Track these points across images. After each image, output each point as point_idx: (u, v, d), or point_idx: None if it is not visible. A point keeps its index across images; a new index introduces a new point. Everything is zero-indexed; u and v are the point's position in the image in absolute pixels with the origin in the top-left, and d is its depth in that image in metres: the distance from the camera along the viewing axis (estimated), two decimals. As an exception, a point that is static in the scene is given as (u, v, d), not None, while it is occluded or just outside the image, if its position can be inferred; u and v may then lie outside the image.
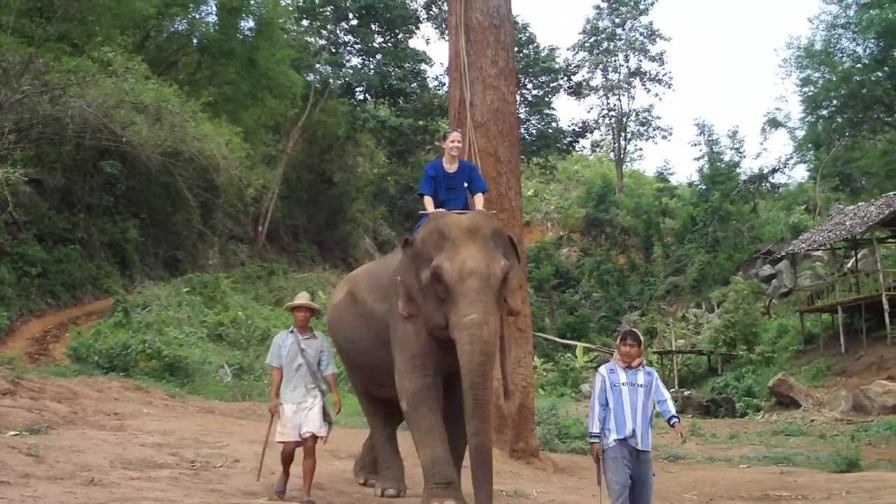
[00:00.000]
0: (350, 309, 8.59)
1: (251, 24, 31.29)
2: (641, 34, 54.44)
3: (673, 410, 6.89)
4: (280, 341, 8.10)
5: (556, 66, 43.00)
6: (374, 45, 41.33)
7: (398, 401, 7.60)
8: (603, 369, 6.91)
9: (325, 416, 7.94)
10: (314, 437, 7.84)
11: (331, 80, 38.69)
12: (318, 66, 38.56)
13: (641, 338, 7.14)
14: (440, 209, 7.82)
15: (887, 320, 25.49)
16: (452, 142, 8.18)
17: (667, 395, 6.93)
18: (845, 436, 17.28)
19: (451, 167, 8.22)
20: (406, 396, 7.37)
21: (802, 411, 22.59)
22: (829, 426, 20.47)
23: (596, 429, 6.80)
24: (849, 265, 33.36)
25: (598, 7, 54.38)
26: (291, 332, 8.15)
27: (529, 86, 41.49)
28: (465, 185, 8.22)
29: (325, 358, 8.07)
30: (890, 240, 31.08)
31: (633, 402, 6.75)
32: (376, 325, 7.96)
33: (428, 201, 8.01)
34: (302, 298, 8.30)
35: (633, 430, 6.68)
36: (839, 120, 38.55)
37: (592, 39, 54.13)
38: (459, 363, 6.68)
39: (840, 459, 12.45)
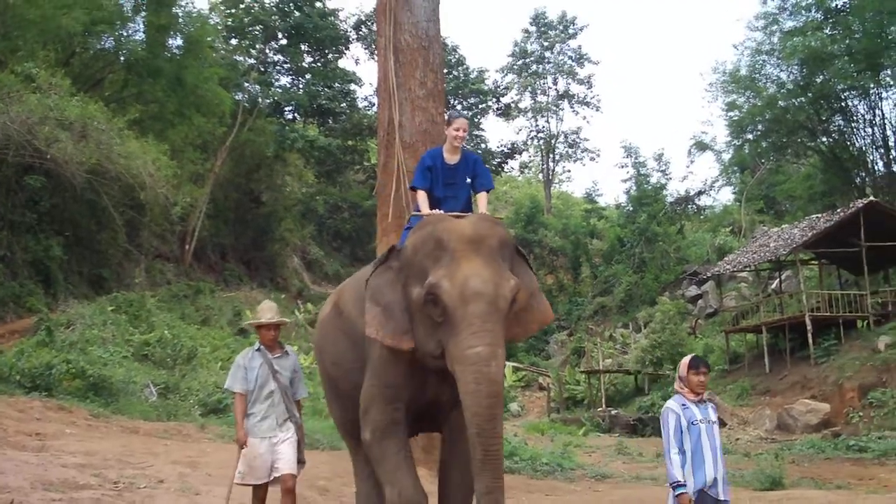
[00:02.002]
0: (335, 325, 7.18)
1: (179, 42, 31.03)
2: (570, 57, 54.97)
3: None
4: (244, 362, 6.97)
5: (485, 88, 43.32)
6: (304, 64, 41.27)
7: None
8: (674, 404, 5.98)
9: (300, 452, 7.01)
10: (293, 476, 6.90)
11: (259, 100, 38.51)
12: (246, 85, 38.34)
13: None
14: (436, 210, 6.63)
15: (810, 340, 25.83)
16: (458, 129, 6.92)
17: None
18: (769, 454, 17.48)
19: (452, 158, 6.99)
20: (371, 426, 6.35)
21: (728, 430, 22.83)
22: (754, 445, 20.74)
23: (681, 475, 5.83)
24: (773, 286, 33.94)
25: (526, 30, 54.80)
26: (258, 350, 7.03)
27: (459, 107, 41.60)
28: (468, 180, 7.03)
29: (298, 379, 7.14)
30: (812, 261, 31.61)
31: (713, 444, 5.88)
32: (361, 343, 6.63)
33: (421, 197, 6.78)
34: (268, 312, 7.15)
35: (715, 478, 5.85)
36: (764, 144, 39.22)
37: (521, 62, 54.51)
38: (462, 403, 5.56)
39: (764, 477, 12.60)
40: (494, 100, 44.62)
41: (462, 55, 42.43)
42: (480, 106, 43.09)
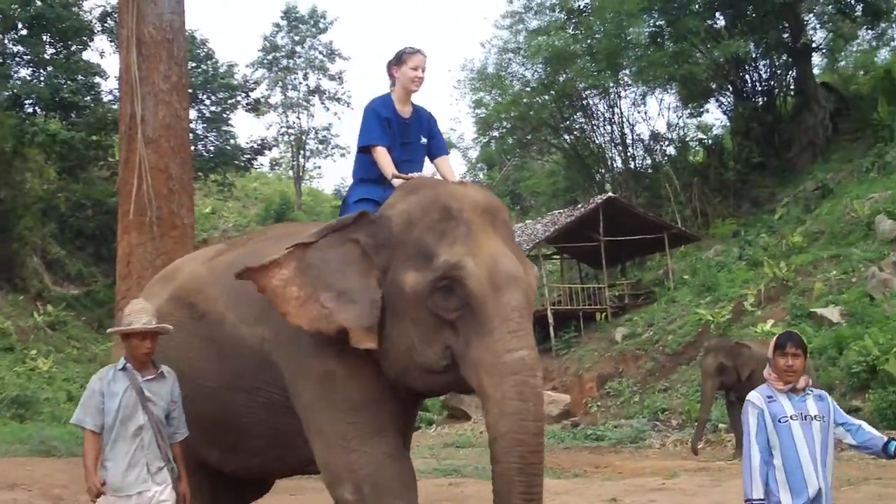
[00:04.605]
0: (185, 327, 5.31)
1: None
2: (321, 53, 54.54)
3: (879, 433, 4.69)
4: (102, 386, 4.94)
5: (235, 83, 42.25)
6: (45, 56, 39.01)
7: (259, 476, 5.39)
8: (757, 397, 4.67)
9: None
10: None
11: (-4, 92, 35.93)
12: (-18, 77, 35.74)
13: (806, 343, 4.84)
14: (417, 173, 5.10)
15: (552, 333, 26.49)
16: (416, 67, 5.30)
17: (851, 418, 4.78)
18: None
19: (405, 109, 5.31)
20: (353, 479, 4.56)
21: (473, 423, 22.90)
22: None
23: (759, 493, 4.56)
24: (517, 281, 34.48)
25: (277, 24, 53.98)
26: (123, 369, 4.99)
27: (207, 102, 40.44)
28: (423, 140, 5.39)
29: (178, 412, 5.10)
30: (555, 256, 32.39)
31: (811, 446, 4.54)
32: (239, 358, 5.00)
33: (385, 156, 5.00)
34: (141, 315, 5.02)
35: (819, 490, 4.50)
36: (510, 141, 40.01)
37: (271, 56, 53.60)
38: (495, 430, 4.14)
39: (503, 468, 12.44)
40: (244, 95, 43.51)
41: (211, 49, 41.13)
42: (230, 101, 41.90)
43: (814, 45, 30.94)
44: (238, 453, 5.26)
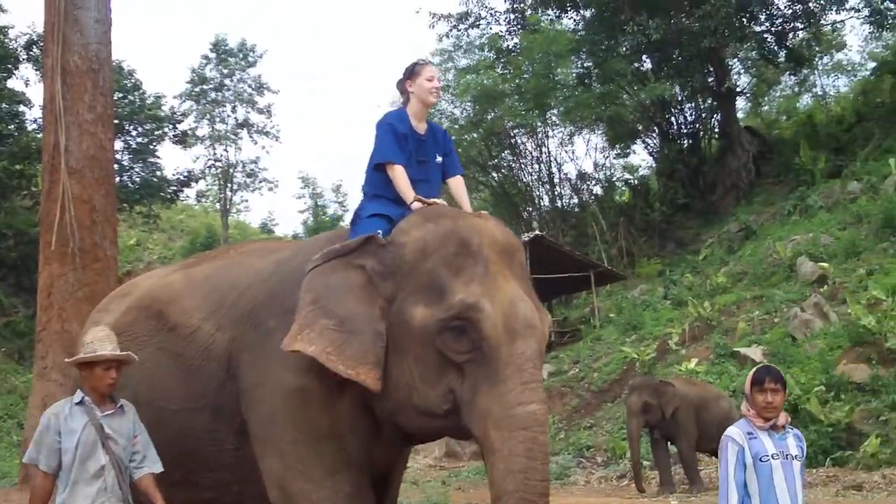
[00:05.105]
0: (150, 341, 4.93)
1: None
2: (250, 86, 54.12)
3: None
4: (58, 423, 4.49)
5: (162, 114, 41.77)
6: (-32, 84, 38.20)
7: None
8: (736, 432, 4.47)
9: None
10: None
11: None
12: None
13: (785, 378, 4.57)
14: (439, 200, 4.63)
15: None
16: (431, 79, 4.87)
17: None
18: (437, 481, 17.41)
19: (421, 126, 4.90)
20: None
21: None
22: (423, 472, 20.68)
23: None
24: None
25: (206, 57, 53.49)
26: (80, 403, 4.54)
27: (134, 133, 39.92)
28: (439, 159, 4.97)
29: (143, 446, 4.59)
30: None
31: (791, 487, 4.34)
32: (208, 375, 4.66)
33: (402, 176, 4.61)
34: (106, 343, 4.58)
35: None
36: (438, 177, 39.99)
37: (199, 89, 53.10)
38: (499, 488, 3.85)
39: (429, 504, 12.42)
40: (171, 126, 43.01)
41: (139, 79, 40.60)
42: (157, 132, 41.38)
43: (738, 89, 31.64)
44: (188, 488, 4.84)
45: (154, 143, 41.69)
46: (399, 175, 4.60)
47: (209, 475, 4.77)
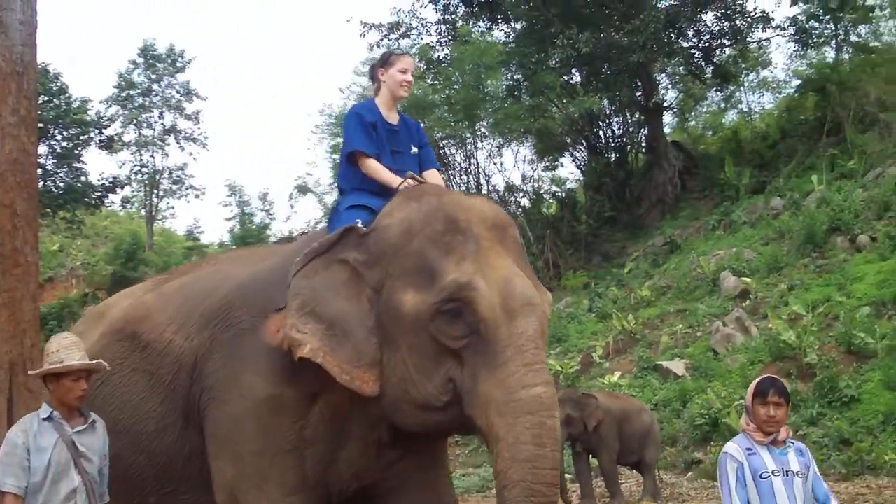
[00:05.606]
0: (125, 363, 4.68)
1: None
2: (178, 92, 53.58)
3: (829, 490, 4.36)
4: (27, 440, 4.11)
5: (88, 119, 41.09)
6: None
7: None
8: (734, 448, 4.30)
9: None
10: None
11: None
12: None
13: (789, 391, 4.42)
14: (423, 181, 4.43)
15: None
16: (404, 70, 4.70)
17: (827, 487, 4.36)
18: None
19: (392, 115, 4.71)
20: None
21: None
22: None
23: None
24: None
25: (133, 62, 52.83)
26: (48, 419, 4.19)
27: (59, 137, 39.28)
28: (414, 149, 4.77)
29: (106, 469, 4.33)
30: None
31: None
32: (177, 381, 4.43)
33: (375, 166, 4.41)
34: (74, 351, 4.23)
35: None
36: (366, 189, 39.86)
37: (126, 93, 52.40)
38: (504, 477, 3.63)
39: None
40: (97, 131, 42.31)
41: (65, 83, 39.94)
42: (82, 137, 40.68)
43: (665, 104, 31.90)
44: None
45: (79, 148, 41.03)
46: (373, 166, 4.42)
47: (185, 496, 4.55)
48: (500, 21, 33.38)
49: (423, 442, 4.28)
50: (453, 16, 33.58)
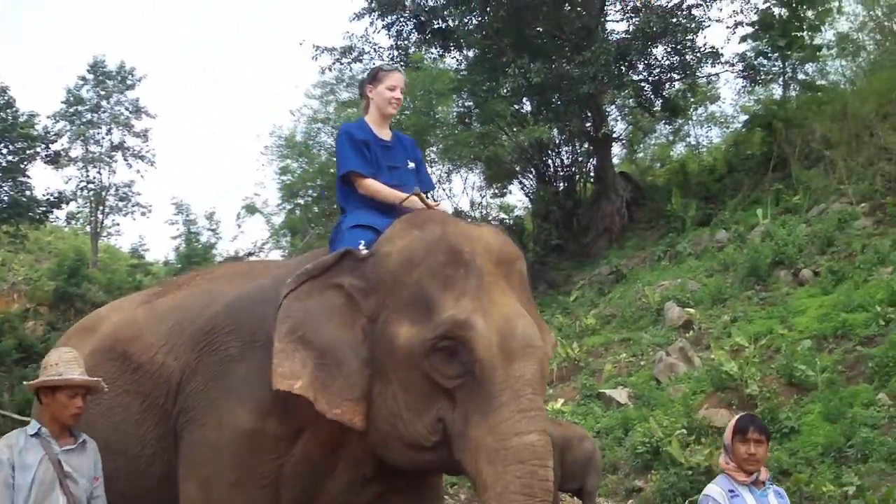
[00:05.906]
0: (115, 383, 4.48)
1: None
2: (127, 109, 53.09)
3: None
4: (11, 455, 3.97)
5: (35, 133, 40.68)
6: None
7: None
8: (716, 491, 4.18)
9: None
10: None
11: None
12: None
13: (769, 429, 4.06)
14: (432, 202, 4.38)
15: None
16: (393, 87, 4.57)
17: None
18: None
19: (384, 132, 4.62)
20: None
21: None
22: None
23: None
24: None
25: (83, 77, 52.32)
26: (36, 435, 4.06)
27: (4, 151, 38.85)
28: (410, 165, 4.68)
29: (100, 491, 4.16)
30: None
31: None
32: (168, 404, 4.29)
33: (374, 185, 4.36)
34: (74, 367, 4.11)
35: None
36: (315, 209, 39.69)
37: (74, 109, 51.88)
38: None
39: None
40: (44, 146, 41.87)
41: (12, 97, 39.54)
42: (28, 151, 40.23)
43: (614, 135, 32.23)
44: None
45: (25, 163, 40.60)
46: (371, 185, 4.33)
47: None
48: (452, 49, 33.50)
49: (411, 477, 4.15)
50: (406, 41, 33.66)
